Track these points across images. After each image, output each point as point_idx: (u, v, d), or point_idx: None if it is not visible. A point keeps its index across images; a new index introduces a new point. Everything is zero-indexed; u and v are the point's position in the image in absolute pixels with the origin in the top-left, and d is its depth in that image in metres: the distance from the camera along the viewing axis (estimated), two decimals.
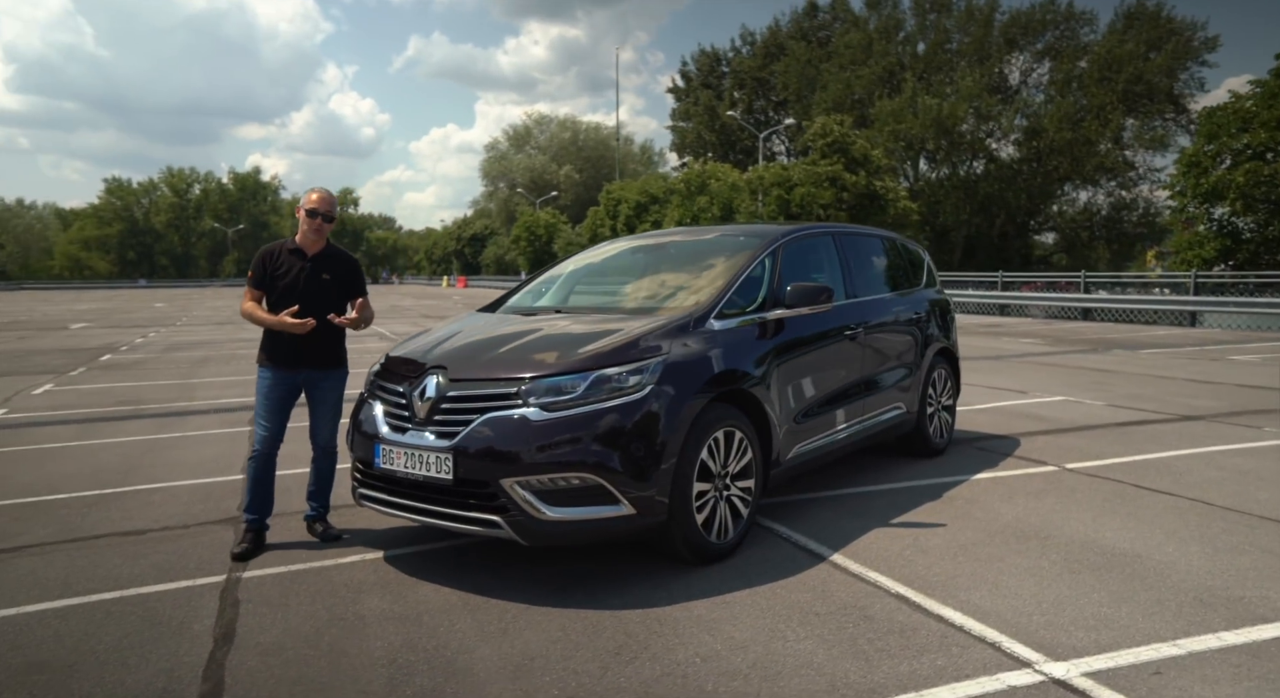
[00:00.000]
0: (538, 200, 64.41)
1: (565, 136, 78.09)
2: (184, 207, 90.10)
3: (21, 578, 3.85)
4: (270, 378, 4.28)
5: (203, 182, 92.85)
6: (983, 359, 12.90)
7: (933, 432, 6.08)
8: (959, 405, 8.29)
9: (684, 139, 63.30)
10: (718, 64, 65.09)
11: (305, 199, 4.38)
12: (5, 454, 6.78)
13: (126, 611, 3.44)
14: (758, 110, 63.23)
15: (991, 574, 3.79)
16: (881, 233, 6.26)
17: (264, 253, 4.39)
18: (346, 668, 2.91)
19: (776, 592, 3.60)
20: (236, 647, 3.08)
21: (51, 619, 3.36)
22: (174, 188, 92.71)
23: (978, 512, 4.78)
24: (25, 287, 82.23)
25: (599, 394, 3.55)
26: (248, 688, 2.76)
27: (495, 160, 77.82)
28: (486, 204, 77.82)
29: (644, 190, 45.00)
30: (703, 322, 4.09)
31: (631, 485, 3.50)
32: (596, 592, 3.61)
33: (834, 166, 35.21)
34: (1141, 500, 4.98)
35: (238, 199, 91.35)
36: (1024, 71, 52.59)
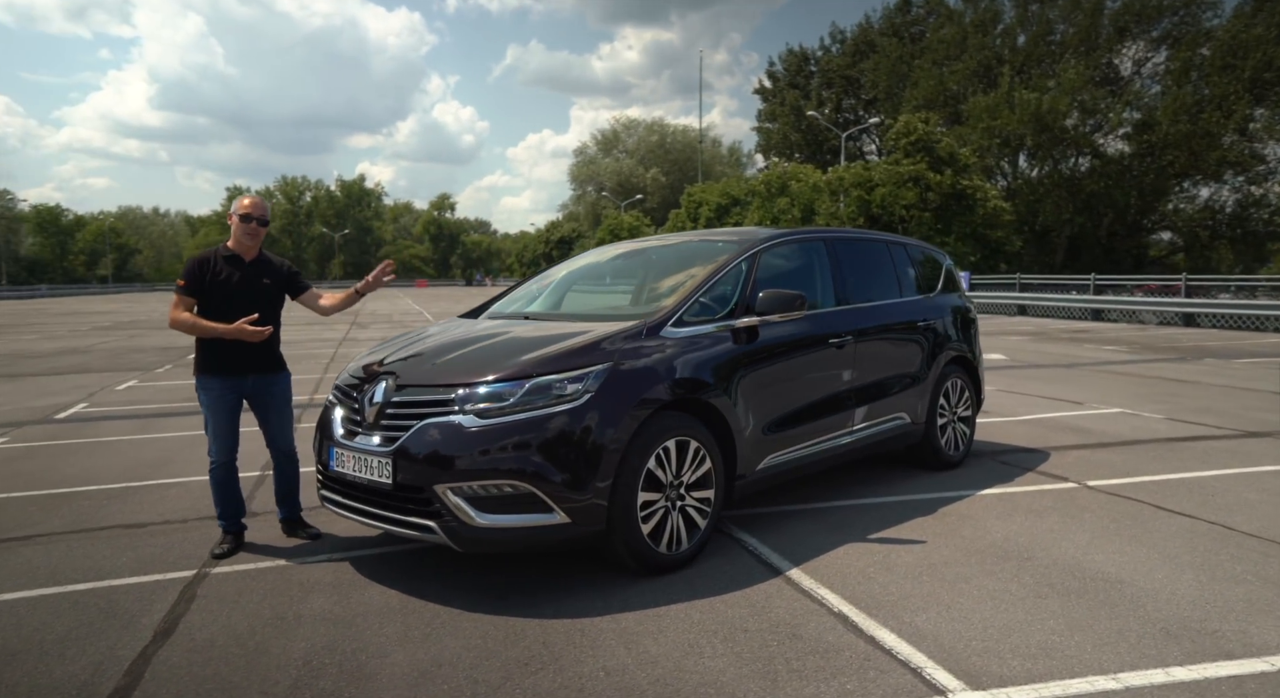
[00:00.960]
0: (623, 203, 64.86)
1: (652, 140, 78.42)
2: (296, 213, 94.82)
3: (17, 566, 4.12)
4: (218, 387, 4.22)
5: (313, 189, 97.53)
6: (1052, 368, 12.31)
7: (945, 444, 5.83)
8: (994, 417, 7.97)
9: (769, 140, 62.61)
10: (805, 63, 64.11)
11: (237, 205, 4.32)
12: (65, 446, 7.27)
13: (90, 602, 3.63)
14: (846, 109, 61.98)
15: (949, 596, 3.62)
16: (890, 238, 6.05)
17: (198, 260, 4.29)
18: (261, 668, 3.00)
19: (715, 606, 3.53)
20: (171, 643, 3.21)
21: (21, 608, 3.59)
22: (287, 195, 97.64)
23: (967, 529, 4.57)
24: (158, 289, 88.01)
25: (535, 402, 3.56)
26: (161, 685, 2.88)
27: (584, 164, 78.88)
28: (575, 208, 78.87)
29: (725, 192, 44.77)
30: (658, 329, 4.04)
31: (565, 494, 3.49)
32: (536, 599, 3.62)
33: (917, 166, 34.20)
34: (1154, 522, 4.66)
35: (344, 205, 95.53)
36: (1137, 61, 49.65)
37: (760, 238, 4.87)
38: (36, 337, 21.31)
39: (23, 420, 8.69)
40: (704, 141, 79.47)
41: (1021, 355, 14.08)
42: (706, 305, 4.43)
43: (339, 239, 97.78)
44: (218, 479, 4.28)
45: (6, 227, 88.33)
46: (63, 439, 7.63)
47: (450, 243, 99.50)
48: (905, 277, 5.83)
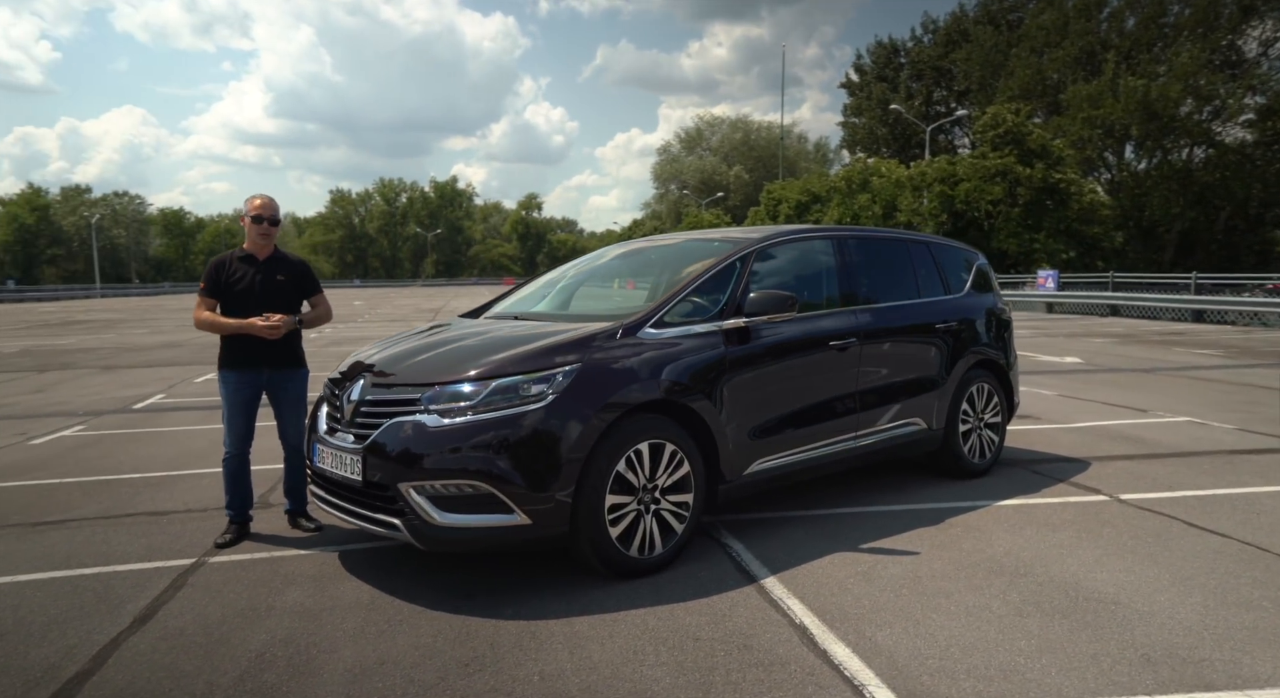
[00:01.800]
0: (703, 201, 64.57)
1: (736, 137, 77.81)
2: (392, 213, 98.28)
3: (39, 549, 4.40)
4: (234, 381, 4.42)
5: (408, 190, 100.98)
6: (1129, 372, 11.67)
7: (968, 451, 5.60)
8: (1043, 423, 7.61)
9: (855, 135, 61.26)
10: (894, 56, 62.42)
11: (248, 206, 4.47)
12: (129, 435, 7.71)
13: (90, 587, 3.84)
14: (937, 101, 60.07)
15: (922, 611, 3.48)
16: (911, 237, 5.83)
17: (216, 262, 4.50)
18: (216, 659, 3.10)
19: (674, 613, 3.49)
20: (144, 630, 3.35)
21: (28, 590, 3.82)
22: (385, 197, 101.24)
23: (968, 541, 4.38)
24: None
25: (498, 403, 3.58)
26: (120, 671, 3.00)
27: (667, 163, 78.92)
28: (657, 206, 79.07)
29: (805, 189, 44.06)
30: (634, 330, 4.01)
31: (526, 495, 3.50)
32: (500, 599, 3.65)
33: (1005, 159, 32.88)
34: (1179, 540, 4.37)
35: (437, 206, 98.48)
36: (1264, 42, 46.14)
37: (757, 237, 4.77)
38: (145, 331, 22.69)
39: (103, 410, 9.27)
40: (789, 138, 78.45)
41: (1099, 359, 13.38)
42: (695, 306, 4.37)
43: (432, 239, 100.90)
44: (229, 470, 4.47)
45: (138, 229, 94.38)
46: (130, 428, 8.10)
47: (537, 241, 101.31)
48: (926, 276, 5.62)
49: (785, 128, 78.76)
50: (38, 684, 2.90)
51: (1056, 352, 14.48)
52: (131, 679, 2.93)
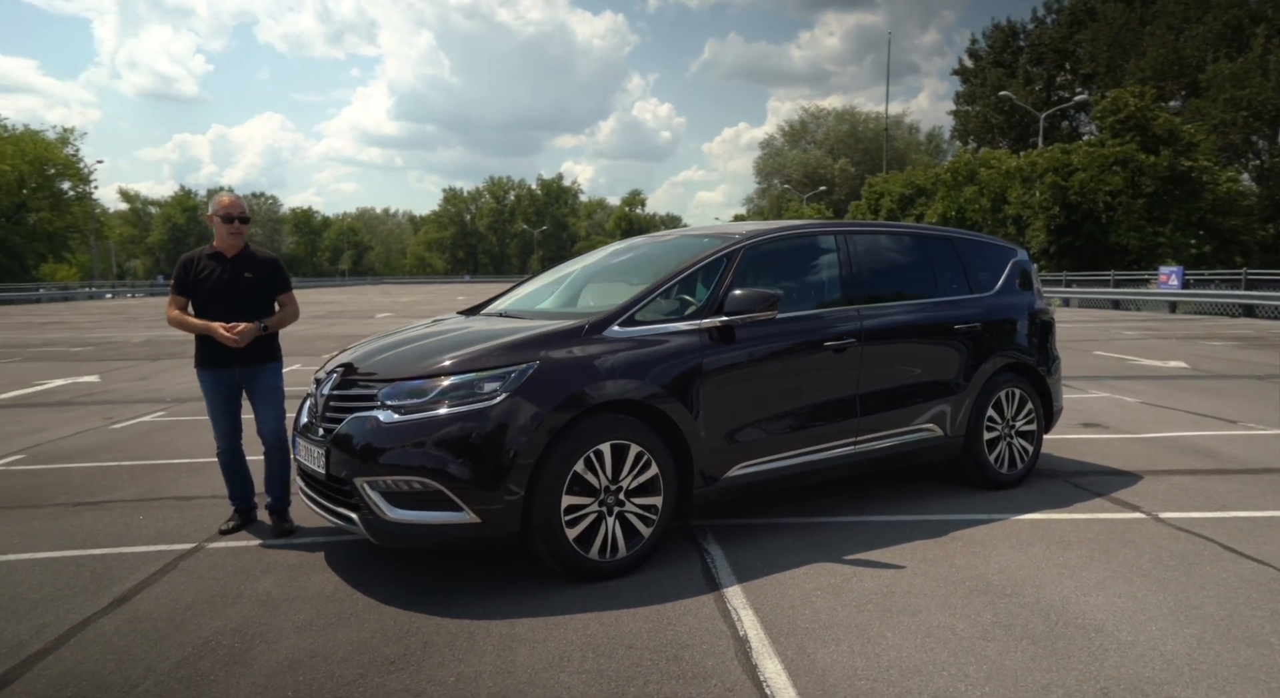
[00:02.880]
0: (805, 195, 63.31)
1: (842, 129, 75.95)
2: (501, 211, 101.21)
3: (68, 529, 4.70)
4: (209, 379, 4.48)
5: (516, 188, 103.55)
6: (1238, 379, 10.76)
7: (994, 460, 5.27)
8: (1107, 433, 7.10)
9: (967, 124, 58.65)
10: (1013, 39, 59.38)
11: (215, 204, 4.46)
12: (197, 422, 8.16)
13: (90, 567, 4.08)
14: (1061, 86, 56.81)
15: (879, 629, 3.29)
16: (932, 232, 5.52)
17: (185, 260, 4.50)
18: (165, 644, 3.20)
19: (620, 619, 3.42)
20: (116, 612, 3.52)
21: (35, 567, 4.08)
22: (494, 194, 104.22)
23: (963, 557, 4.12)
24: (383, 281, 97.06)
25: (450, 400, 3.59)
26: (74, 652, 3.15)
27: (769, 157, 77.80)
28: (759, 201, 78.14)
29: (909, 182, 42.57)
30: (600, 328, 3.94)
31: (475, 494, 3.50)
32: (454, 597, 3.66)
33: (1126, 146, 30.80)
34: (1205, 565, 3.99)
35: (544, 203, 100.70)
36: None
37: (744, 234, 4.61)
38: None
39: (186, 397, 9.86)
40: (898, 129, 76.04)
41: (1209, 364, 12.39)
42: (674, 304, 4.27)
43: (538, 235, 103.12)
44: (224, 463, 4.62)
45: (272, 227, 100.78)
46: (202, 415, 8.60)
47: None
48: (947, 274, 5.31)
49: (895, 118, 76.43)
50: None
51: (1161, 355, 13.50)
52: (80, 661, 3.08)
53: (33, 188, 57.71)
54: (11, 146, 56.19)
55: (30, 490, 5.64)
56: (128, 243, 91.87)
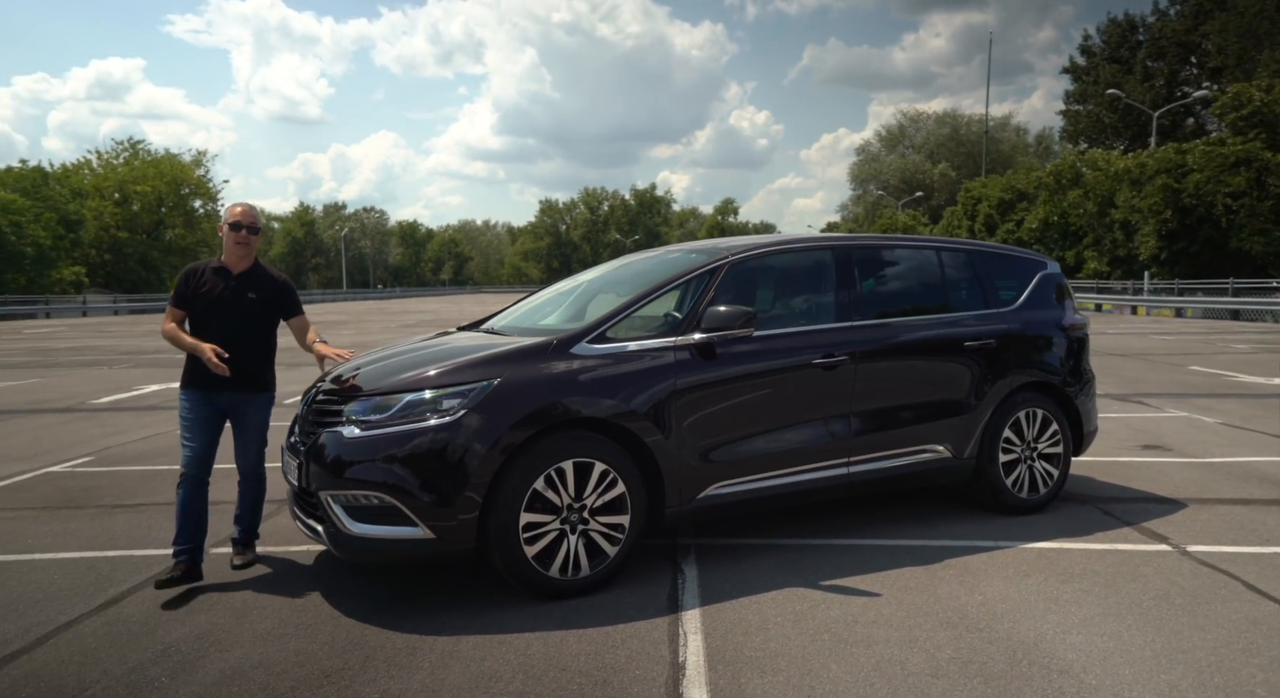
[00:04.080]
0: (901, 202, 61.51)
1: (943, 133, 73.56)
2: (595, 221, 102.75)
3: (96, 530, 5.00)
4: (190, 399, 4.14)
5: (610, 198, 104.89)
6: None
7: (1012, 484, 4.99)
8: (1169, 456, 6.63)
9: (1077, 125, 55.84)
10: (1131, 33, 56.24)
11: (227, 213, 4.19)
12: None
13: (98, 569, 4.31)
14: (1184, 81, 53.38)
15: (825, 660, 3.16)
16: (946, 244, 5.26)
17: (187, 271, 4.22)
18: (130, 648, 3.34)
19: (566, 639, 3.39)
20: (101, 614, 3.70)
21: (51, 567, 4.36)
22: (589, 205, 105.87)
23: (947, 586, 3.92)
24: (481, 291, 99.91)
25: (410, 416, 3.65)
26: (48, 653, 3.32)
27: (865, 163, 75.95)
28: (854, 208, 76.48)
29: (1009, 186, 40.83)
30: (568, 345, 3.93)
31: (429, 510, 3.55)
32: (413, 612, 3.69)
33: (1250, 144, 28.69)
34: (1216, 605, 3.68)
35: (637, 213, 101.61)
36: None
37: (732, 250, 4.52)
38: (352, 332, 25.11)
39: None
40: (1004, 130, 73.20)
41: None
42: (651, 321, 4.24)
43: (630, 244, 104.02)
44: (184, 495, 4.04)
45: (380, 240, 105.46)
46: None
47: None
48: (960, 289, 5.07)
49: (1000, 120, 73.78)
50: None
51: (1268, 372, 12.51)
52: (49, 662, 3.25)
53: (169, 206, 62.41)
54: (153, 169, 61.42)
55: (82, 492, 6.04)
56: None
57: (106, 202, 58.86)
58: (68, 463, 7.01)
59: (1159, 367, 13.14)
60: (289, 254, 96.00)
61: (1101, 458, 6.60)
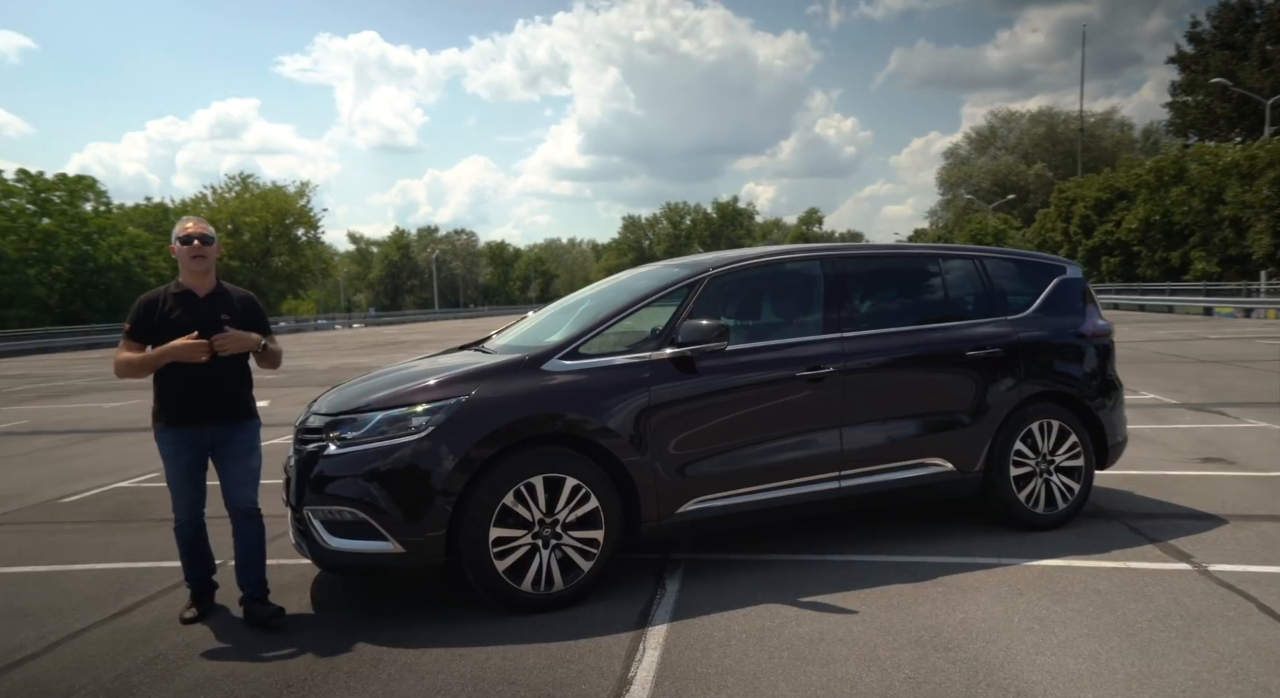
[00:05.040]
0: (992, 205, 59.20)
1: (1038, 132, 70.65)
2: (678, 236, 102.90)
3: (134, 543, 5.30)
4: (174, 441, 3.77)
5: (692, 213, 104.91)
6: None
7: (1026, 499, 4.78)
8: (1225, 469, 6.22)
9: (1186, 117, 52.68)
10: (1247, 16, 52.77)
11: (177, 228, 3.83)
12: None
13: (116, 581, 4.55)
14: None
15: (773, 680, 3.11)
16: (947, 251, 5.08)
17: (144, 300, 3.80)
18: (122, 656, 3.54)
19: (525, 654, 3.42)
20: (111, 624, 3.92)
21: (81, 577, 4.64)
22: (671, 220, 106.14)
23: (929, 605, 3.79)
24: None
25: (382, 434, 3.77)
26: (53, 659, 3.55)
27: (953, 167, 73.45)
28: (943, 213, 74.09)
29: (1107, 185, 38.88)
30: (540, 362, 4.00)
31: (398, 525, 3.66)
32: (394, 623, 3.78)
33: None
34: (1217, 627, 3.45)
35: (719, 226, 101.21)
36: None
37: (713, 263, 4.51)
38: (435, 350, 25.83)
39: None
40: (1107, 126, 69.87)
41: None
42: (627, 337, 4.26)
43: None
44: (183, 539, 3.94)
45: (470, 260, 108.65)
46: None
47: None
48: (964, 297, 4.89)
49: (1101, 116, 70.41)
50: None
51: None
52: (50, 668, 3.47)
53: (275, 235, 66.25)
54: (260, 201, 65.61)
55: (139, 506, 6.44)
56: (354, 280, 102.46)
57: (220, 233, 62.74)
58: (137, 478, 7.49)
59: (1257, 374, 12.28)
60: (386, 277, 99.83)
61: (1149, 471, 6.25)
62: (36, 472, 8.08)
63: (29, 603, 4.31)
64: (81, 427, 11.31)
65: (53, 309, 44.61)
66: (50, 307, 44.70)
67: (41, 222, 45.85)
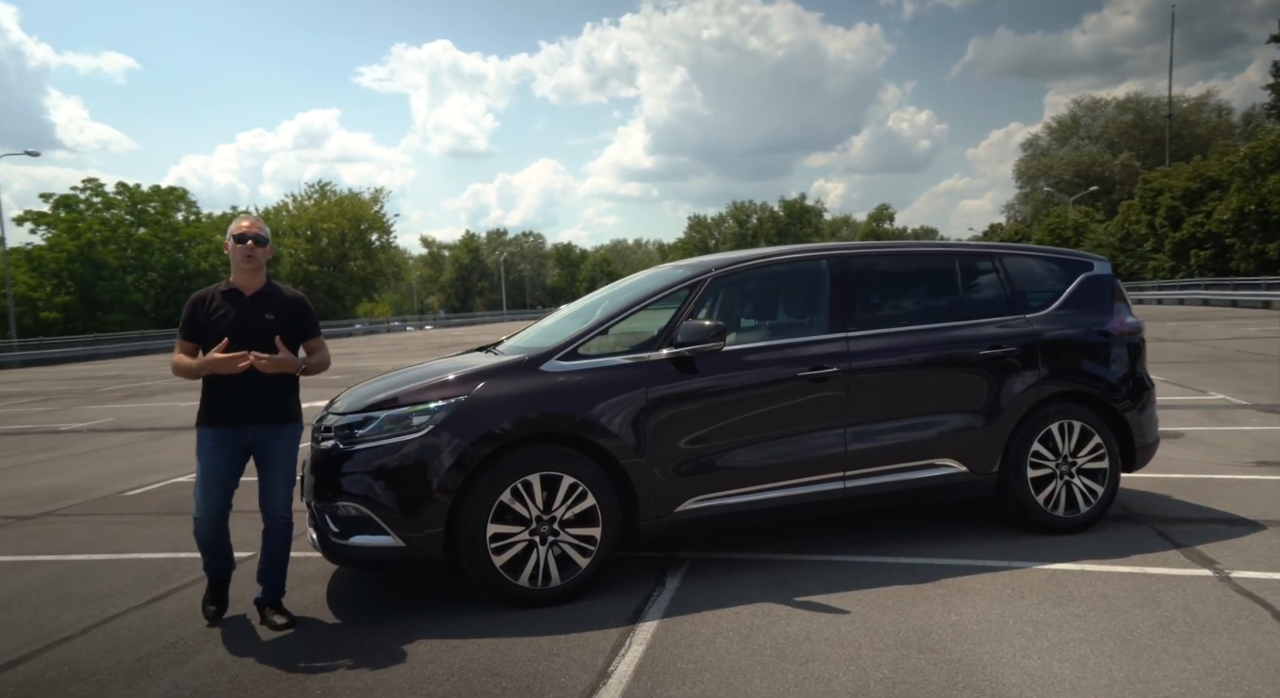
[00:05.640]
0: (1073, 198, 56.83)
1: (1125, 120, 67.65)
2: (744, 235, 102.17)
3: (187, 534, 5.57)
4: (212, 439, 3.82)
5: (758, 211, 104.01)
6: None
7: (1044, 501, 4.66)
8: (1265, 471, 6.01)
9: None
10: None
11: (233, 226, 3.88)
12: None
13: (161, 569, 4.84)
14: None
15: (748, 677, 3.14)
16: (964, 249, 5.02)
17: (194, 300, 3.87)
18: (145, 641, 3.77)
19: (516, 646, 3.51)
20: (144, 610, 4.18)
21: (124, 566, 4.94)
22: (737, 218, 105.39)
23: (924, 606, 3.75)
24: None
25: (384, 432, 3.91)
26: (84, 642, 3.79)
27: (1032, 159, 70.69)
28: (1020, 207, 71.53)
29: (1197, 174, 37.03)
30: (540, 362, 4.09)
31: (398, 520, 3.80)
32: (393, 614, 3.93)
33: None
34: (1223, 635, 3.35)
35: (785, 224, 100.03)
36: None
37: (716, 264, 4.53)
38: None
39: None
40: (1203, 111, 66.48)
41: None
42: (630, 337, 4.33)
43: None
44: (206, 535, 3.94)
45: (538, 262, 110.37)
46: None
47: None
48: (980, 295, 4.79)
49: (1196, 101, 67.03)
50: (26, 644, 3.82)
51: None
52: (82, 650, 3.71)
53: (351, 240, 68.57)
54: (337, 208, 68.01)
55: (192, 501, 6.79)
56: (426, 282, 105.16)
57: (299, 239, 65.58)
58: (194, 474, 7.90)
59: None
60: (457, 280, 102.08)
61: (1194, 475, 6.01)
62: (109, 466, 8.60)
63: (76, 589, 4.62)
64: (158, 425, 11.96)
65: (148, 313, 47.13)
66: (146, 311, 47.25)
67: (138, 231, 48.49)
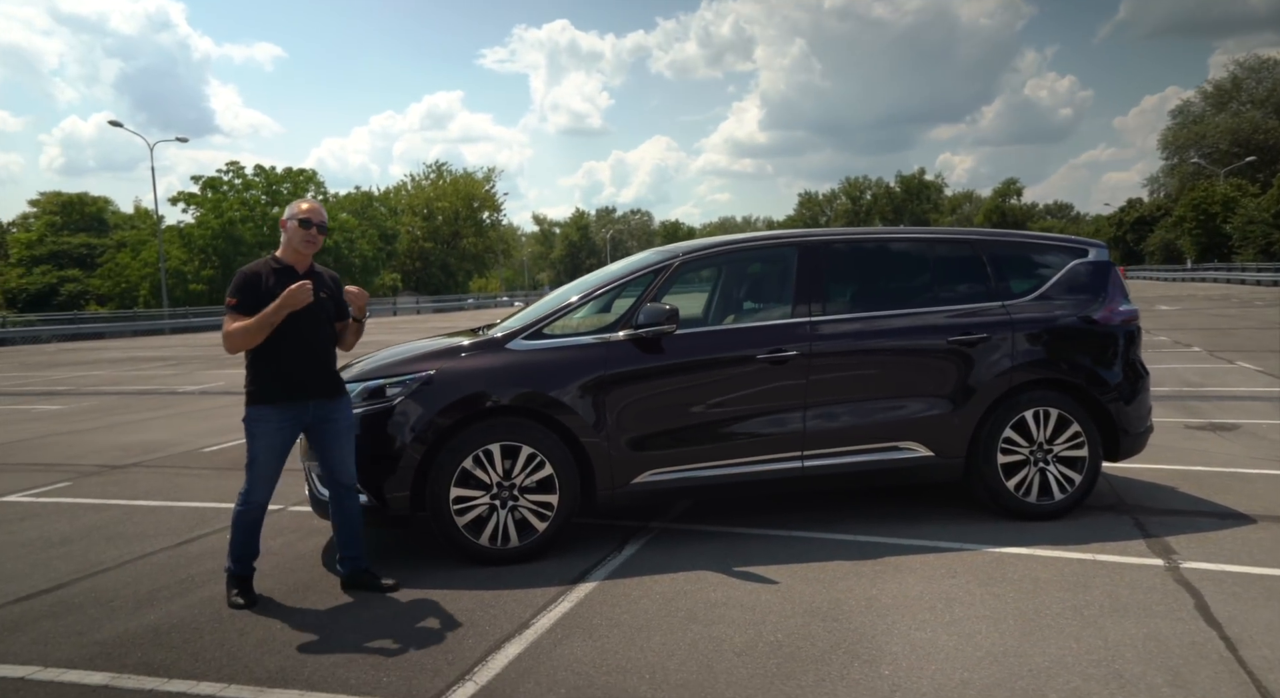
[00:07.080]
0: (1224, 170, 52.29)
1: None
2: (856, 211, 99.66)
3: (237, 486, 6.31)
4: (275, 419, 3.79)
5: (873, 187, 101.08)
6: None
7: (1016, 488, 4.67)
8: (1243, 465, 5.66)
9: None
10: None
11: (294, 209, 3.86)
12: None
13: (202, 516, 5.42)
14: None
15: (648, 635, 3.40)
16: (947, 235, 4.98)
17: (248, 276, 3.78)
18: (164, 576, 4.32)
19: (460, 598, 3.84)
20: (175, 550, 4.76)
21: (176, 512, 5.59)
22: (849, 195, 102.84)
23: (851, 581, 3.91)
24: None
25: (363, 401, 4.32)
26: (114, 575, 4.39)
27: (1182, 127, 64.53)
28: (1165, 180, 66.16)
29: None
30: (504, 342, 4.41)
31: (371, 482, 4.22)
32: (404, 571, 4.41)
33: None
34: (1132, 619, 3.41)
35: (902, 200, 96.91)
36: None
37: (685, 249, 4.72)
38: None
39: None
40: None
41: None
42: (598, 319, 4.59)
43: None
44: (247, 522, 3.92)
45: (646, 240, 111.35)
46: None
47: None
48: (954, 281, 4.79)
49: None
50: (71, 573, 4.45)
51: None
52: (113, 580, 4.29)
53: (464, 218, 71.06)
54: (451, 188, 70.52)
55: None
56: (538, 259, 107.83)
57: (416, 217, 68.58)
58: None
59: None
60: (566, 256, 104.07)
61: (1211, 467, 5.85)
62: (201, 425, 9.51)
63: (129, 529, 5.30)
64: None
65: None
66: None
67: (273, 210, 51.77)
